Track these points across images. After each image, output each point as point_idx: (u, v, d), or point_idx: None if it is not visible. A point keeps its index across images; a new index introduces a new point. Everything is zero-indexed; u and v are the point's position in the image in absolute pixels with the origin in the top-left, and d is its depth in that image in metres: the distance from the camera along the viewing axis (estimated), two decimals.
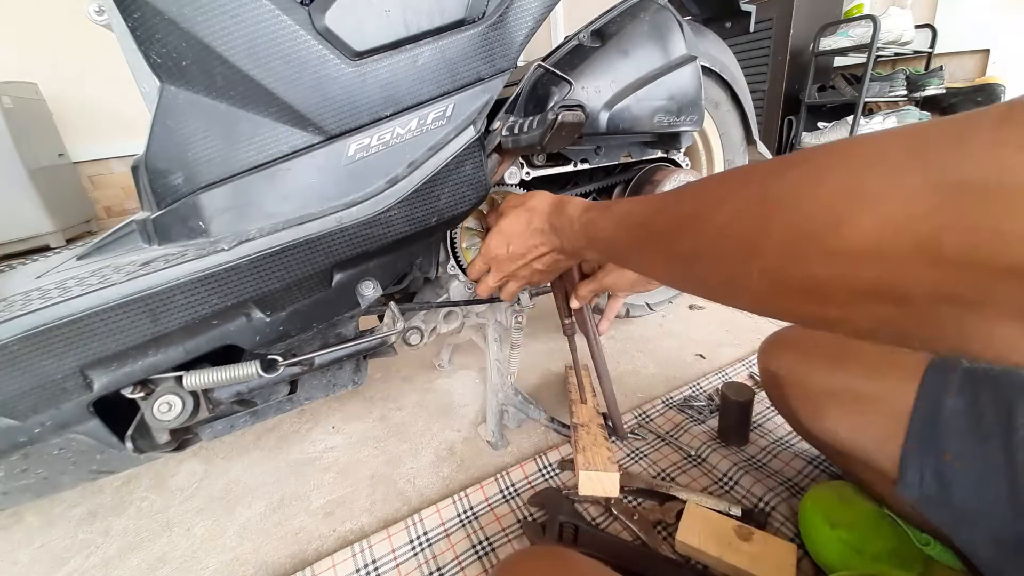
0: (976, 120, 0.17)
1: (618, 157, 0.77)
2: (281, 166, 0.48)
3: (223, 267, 0.45)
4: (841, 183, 0.20)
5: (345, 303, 0.55)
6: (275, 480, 0.74)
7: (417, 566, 0.56)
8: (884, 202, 0.18)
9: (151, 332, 0.44)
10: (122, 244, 0.53)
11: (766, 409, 0.77)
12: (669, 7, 0.72)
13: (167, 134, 0.47)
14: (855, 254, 0.19)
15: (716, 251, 0.28)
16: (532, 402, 0.76)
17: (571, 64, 0.66)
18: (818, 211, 0.21)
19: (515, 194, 0.63)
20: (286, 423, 0.88)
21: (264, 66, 0.45)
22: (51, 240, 2.19)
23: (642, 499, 0.62)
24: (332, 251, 0.50)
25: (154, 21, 0.43)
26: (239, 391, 0.54)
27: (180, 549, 0.63)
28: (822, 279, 0.21)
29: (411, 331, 0.69)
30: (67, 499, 0.74)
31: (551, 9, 0.55)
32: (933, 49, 2.14)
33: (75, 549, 0.65)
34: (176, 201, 0.49)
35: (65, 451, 0.47)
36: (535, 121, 0.51)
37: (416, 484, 0.70)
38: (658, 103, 0.70)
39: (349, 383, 0.63)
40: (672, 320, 1.11)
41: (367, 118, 0.49)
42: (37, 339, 0.40)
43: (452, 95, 0.52)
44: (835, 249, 0.20)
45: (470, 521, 0.61)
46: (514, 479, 0.66)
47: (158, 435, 0.51)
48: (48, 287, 0.46)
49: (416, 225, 0.53)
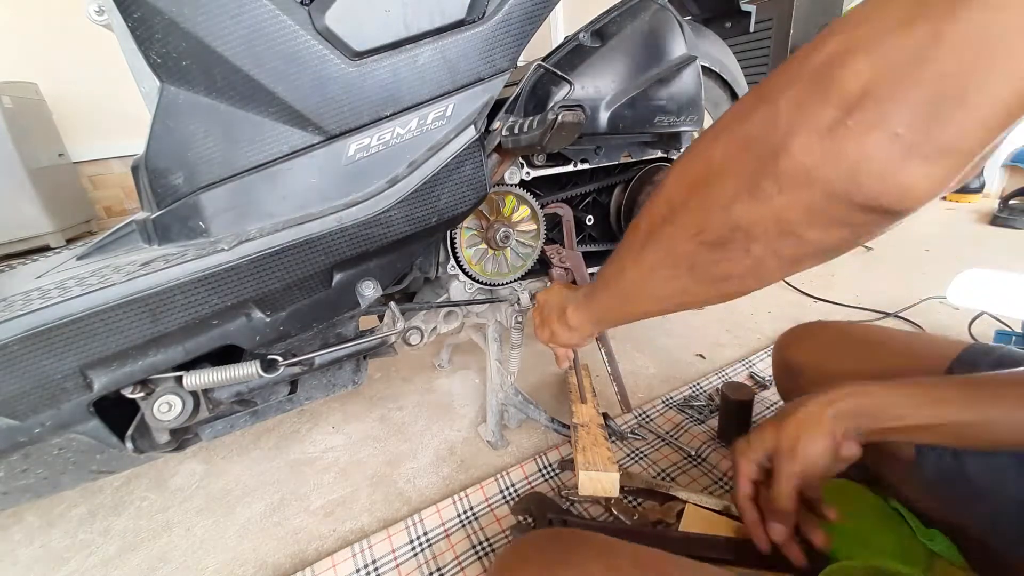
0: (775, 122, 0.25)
1: (618, 157, 0.77)
2: (281, 166, 0.48)
3: (223, 267, 0.45)
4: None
5: (345, 303, 0.55)
6: (275, 480, 0.74)
7: (417, 566, 0.56)
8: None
9: (151, 332, 0.44)
10: (122, 244, 0.53)
11: (766, 409, 0.77)
12: (669, 7, 0.72)
13: (167, 134, 0.47)
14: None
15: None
16: (532, 402, 0.76)
17: (571, 64, 0.66)
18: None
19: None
20: (286, 423, 0.88)
21: (264, 66, 0.45)
22: (51, 240, 2.19)
23: (642, 499, 0.62)
24: (332, 251, 0.50)
25: (154, 21, 0.43)
26: (239, 391, 0.54)
27: (180, 549, 0.63)
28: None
29: (411, 331, 0.69)
30: (67, 499, 0.74)
31: (551, 9, 0.55)
32: None
33: (75, 549, 0.65)
34: (176, 201, 0.49)
35: (65, 451, 0.47)
36: (535, 121, 0.51)
37: (416, 484, 0.70)
38: (658, 103, 0.70)
39: (349, 383, 0.63)
40: (672, 320, 1.11)
41: (367, 118, 0.49)
42: (37, 339, 0.40)
43: (452, 95, 0.52)
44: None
45: (470, 521, 0.61)
46: (514, 479, 0.66)
47: (158, 435, 0.51)
48: (48, 287, 0.46)
49: (416, 225, 0.53)
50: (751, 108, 0.27)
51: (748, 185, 0.26)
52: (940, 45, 0.19)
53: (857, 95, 0.21)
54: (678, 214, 0.32)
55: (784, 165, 0.24)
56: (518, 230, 0.70)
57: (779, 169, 0.24)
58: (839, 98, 0.22)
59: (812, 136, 0.23)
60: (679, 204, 0.32)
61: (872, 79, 0.21)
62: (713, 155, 0.29)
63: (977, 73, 0.18)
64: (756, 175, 0.26)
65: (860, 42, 0.21)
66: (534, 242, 0.72)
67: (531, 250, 0.73)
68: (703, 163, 0.30)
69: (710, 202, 0.29)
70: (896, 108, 0.20)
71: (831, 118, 0.22)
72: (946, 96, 0.19)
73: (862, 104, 0.21)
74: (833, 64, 0.22)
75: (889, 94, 0.20)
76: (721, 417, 0.72)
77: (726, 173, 0.28)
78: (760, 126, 0.25)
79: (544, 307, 0.56)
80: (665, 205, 0.33)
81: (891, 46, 0.20)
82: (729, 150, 0.28)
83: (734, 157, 0.27)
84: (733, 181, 0.27)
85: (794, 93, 0.24)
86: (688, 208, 0.31)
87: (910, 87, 0.20)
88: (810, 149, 0.23)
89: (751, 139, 0.26)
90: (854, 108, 0.21)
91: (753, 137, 0.26)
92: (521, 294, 0.74)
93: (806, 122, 0.23)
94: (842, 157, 0.22)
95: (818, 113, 0.22)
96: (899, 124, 0.20)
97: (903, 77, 0.20)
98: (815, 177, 0.23)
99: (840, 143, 0.22)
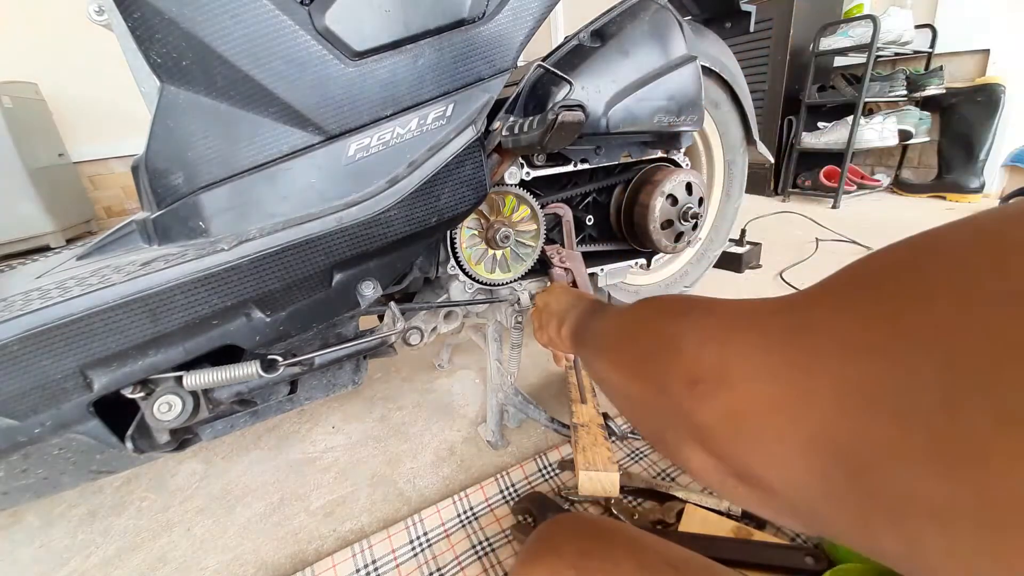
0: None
1: (618, 157, 0.77)
2: (281, 166, 0.48)
3: (223, 267, 0.45)
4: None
5: (345, 303, 0.55)
6: (275, 480, 0.74)
7: (417, 566, 0.56)
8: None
9: (151, 332, 0.44)
10: (122, 244, 0.53)
11: None
12: (669, 7, 0.72)
13: (167, 134, 0.47)
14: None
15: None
16: (532, 402, 0.76)
17: (571, 64, 0.66)
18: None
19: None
20: (286, 423, 0.88)
21: (264, 66, 0.45)
22: (51, 240, 2.18)
23: (642, 499, 0.62)
24: (332, 251, 0.50)
25: (154, 21, 0.43)
26: (239, 391, 0.54)
27: (180, 549, 0.63)
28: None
29: (411, 331, 0.69)
30: (67, 499, 0.74)
31: (551, 9, 0.55)
32: (933, 49, 2.14)
33: (75, 549, 0.65)
34: (176, 201, 0.49)
35: (65, 451, 0.47)
36: (535, 121, 0.51)
37: (416, 484, 0.70)
38: (658, 103, 0.70)
39: (349, 383, 0.63)
40: None
41: (367, 118, 0.49)
42: (37, 339, 0.40)
43: (452, 95, 0.52)
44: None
45: (470, 521, 0.61)
46: (514, 479, 0.66)
47: (158, 435, 0.51)
48: (48, 287, 0.46)
49: (416, 225, 0.53)
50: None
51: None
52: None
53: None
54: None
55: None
56: (518, 230, 0.70)
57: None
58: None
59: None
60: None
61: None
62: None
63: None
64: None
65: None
66: (534, 242, 0.72)
67: (531, 250, 0.73)
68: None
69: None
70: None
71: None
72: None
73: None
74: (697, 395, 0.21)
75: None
76: None
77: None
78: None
79: (543, 312, 0.56)
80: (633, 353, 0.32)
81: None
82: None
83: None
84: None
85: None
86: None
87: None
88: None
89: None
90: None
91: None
92: (521, 294, 0.74)
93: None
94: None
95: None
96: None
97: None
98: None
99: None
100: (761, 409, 0.18)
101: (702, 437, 0.21)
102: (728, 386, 0.19)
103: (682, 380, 0.22)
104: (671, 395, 0.22)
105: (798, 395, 0.16)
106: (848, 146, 2.02)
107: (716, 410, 0.20)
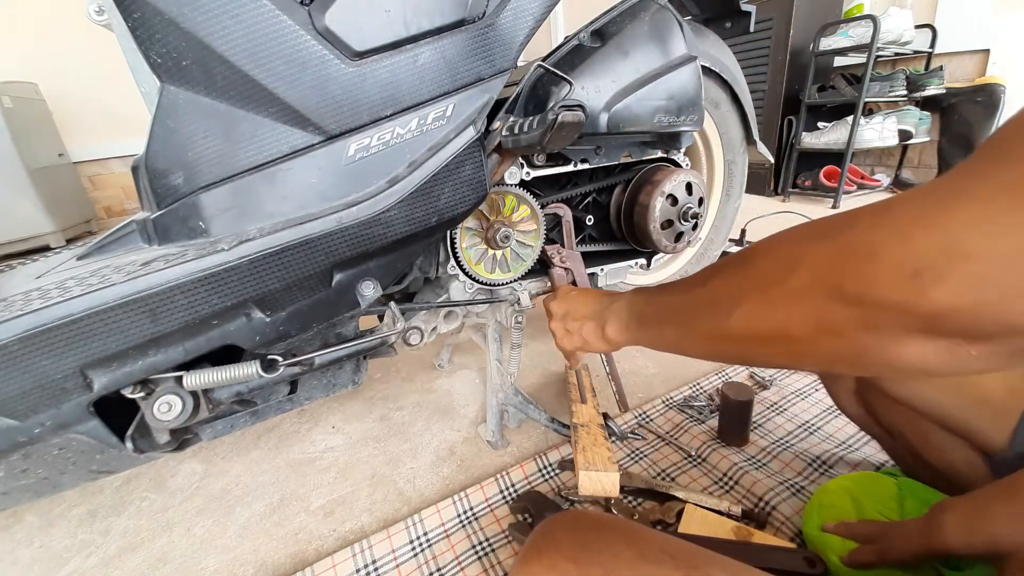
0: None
1: (618, 157, 0.77)
2: (281, 166, 0.48)
3: (223, 267, 0.45)
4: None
5: (345, 303, 0.55)
6: (275, 480, 0.74)
7: (417, 566, 0.56)
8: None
9: (151, 332, 0.44)
10: (122, 244, 0.53)
11: (766, 409, 0.77)
12: (669, 7, 0.72)
13: (167, 134, 0.47)
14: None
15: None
16: (532, 402, 0.76)
17: (571, 64, 0.66)
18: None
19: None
20: (286, 423, 0.88)
21: (264, 66, 0.45)
22: (51, 240, 2.19)
23: (642, 499, 0.62)
24: (332, 251, 0.50)
25: (154, 21, 0.43)
26: (239, 391, 0.54)
27: (180, 549, 0.63)
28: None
29: (411, 331, 0.69)
30: (67, 499, 0.74)
31: (551, 9, 0.55)
32: (933, 49, 2.14)
33: (75, 549, 0.65)
34: (176, 201, 0.49)
35: (65, 451, 0.47)
36: (535, 121, 0.51)
37: (416, 484, 0.70)
38: (658, 103, 0.70)
39: (349, 383, 0.63)
40: None
41: (367, 118, 0.49)
42: (37, 339, 0.40)
43: (452, 95, 0.52)
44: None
45: (470, 521, 0.61)
46: (514, 479, 0.66)
47: (158, 435, 0.51)
48: (48, 287, 0.46)
49: (416, 225, 0.53)
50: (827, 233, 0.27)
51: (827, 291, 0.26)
52: None
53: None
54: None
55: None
56: (518, 230, 0.70)
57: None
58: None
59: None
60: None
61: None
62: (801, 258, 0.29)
63: None
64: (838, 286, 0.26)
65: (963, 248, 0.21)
66: (534, 242, 0.72)
67: (531, 250, 0.73)
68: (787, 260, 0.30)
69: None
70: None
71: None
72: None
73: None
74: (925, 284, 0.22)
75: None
76: (721, 417, 0.72)
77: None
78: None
79: (567, 319, 0.55)
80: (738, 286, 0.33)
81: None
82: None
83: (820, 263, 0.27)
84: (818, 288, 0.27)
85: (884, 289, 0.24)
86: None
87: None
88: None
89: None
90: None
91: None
92: (521, 294, 0.74)
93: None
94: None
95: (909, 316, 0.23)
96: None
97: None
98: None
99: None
100: (1011, 263, 0.19)
101: (932, 321, 0.22)
102: (964, 258, 0.20)
103: (896, 278, 0.23)
104: (876, 299, 0.23)
105: None
106: (848, 146, 2.01)
107: (951, 288, 0.21)
